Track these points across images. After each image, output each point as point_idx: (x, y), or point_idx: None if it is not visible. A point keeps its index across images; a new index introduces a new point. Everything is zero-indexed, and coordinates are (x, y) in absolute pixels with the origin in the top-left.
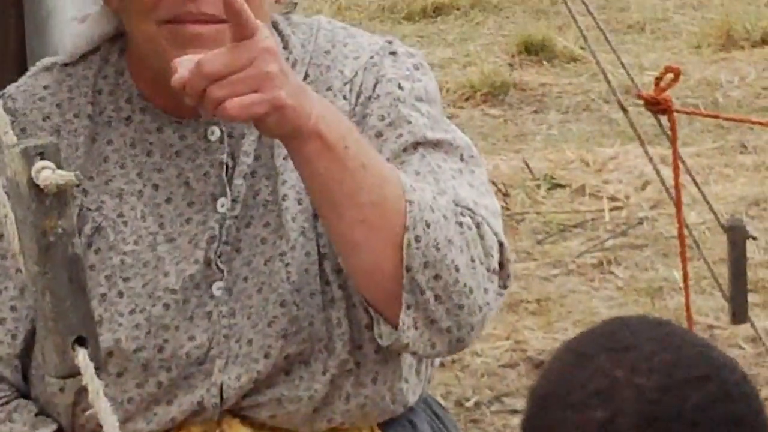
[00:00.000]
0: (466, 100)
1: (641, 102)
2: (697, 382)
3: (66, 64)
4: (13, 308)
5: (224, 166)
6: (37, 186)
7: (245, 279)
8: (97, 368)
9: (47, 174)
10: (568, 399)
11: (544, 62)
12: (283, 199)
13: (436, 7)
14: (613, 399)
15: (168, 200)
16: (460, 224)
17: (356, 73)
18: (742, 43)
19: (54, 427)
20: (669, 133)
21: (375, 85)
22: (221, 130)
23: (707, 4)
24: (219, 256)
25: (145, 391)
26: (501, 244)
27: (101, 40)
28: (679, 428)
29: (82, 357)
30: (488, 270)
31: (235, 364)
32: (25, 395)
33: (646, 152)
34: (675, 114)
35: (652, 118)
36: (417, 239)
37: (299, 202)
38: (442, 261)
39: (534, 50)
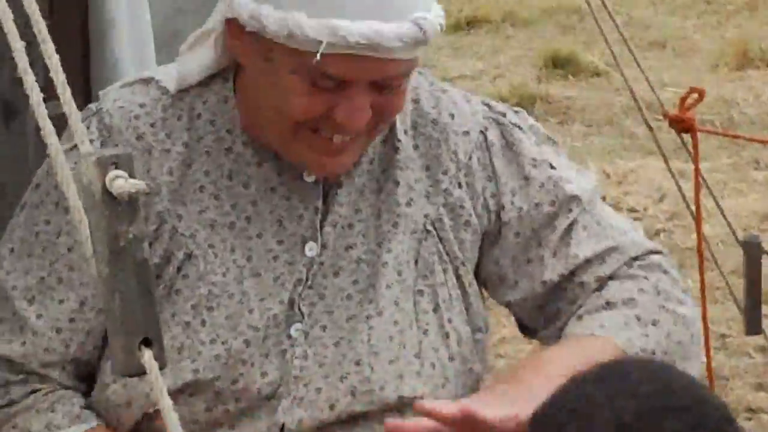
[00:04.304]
0: None
1: (661, 118)
2: (676, 412)
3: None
4: (71, 320)
5: (317, 211)
6: (110, 194)
7: (323, 328)
8: (161, 368)
9: (120, 183)
10: (554, 418)
11: (570, 76)
12: (383, 266)
13: (468, 21)
14: (590, 418)
15: (259, 235)
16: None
17: (470, 157)
18: (758, 63)
19: (94, 423)
20: (692, 150)
21: (498, 167)
22: None
23: (725, 24)
24: (302, 299)
25: (213, 416)
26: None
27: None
28: None
29: (147, 357)
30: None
31: (300, 407)
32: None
33: (669, 169)
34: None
35: (671, 133)
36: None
37: (399, 273)
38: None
39: (560, 64)
